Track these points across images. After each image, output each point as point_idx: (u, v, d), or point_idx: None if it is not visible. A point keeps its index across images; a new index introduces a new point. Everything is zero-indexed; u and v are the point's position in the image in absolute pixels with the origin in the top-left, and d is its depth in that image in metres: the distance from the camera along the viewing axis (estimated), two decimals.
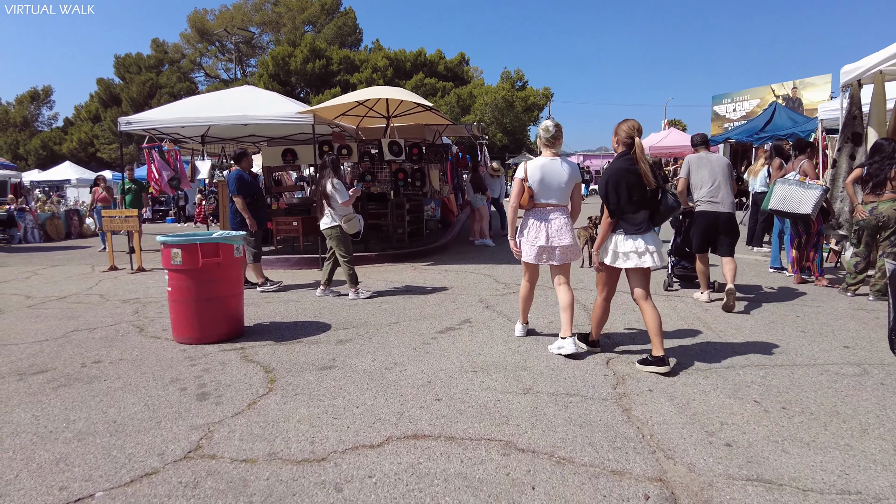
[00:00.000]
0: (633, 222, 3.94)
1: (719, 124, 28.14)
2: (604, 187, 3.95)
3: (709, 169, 5.83)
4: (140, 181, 11.79)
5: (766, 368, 3.98)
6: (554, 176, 4.27)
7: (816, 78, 24.94)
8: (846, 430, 3.03)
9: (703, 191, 5.81)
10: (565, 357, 4.21)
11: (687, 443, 2.89)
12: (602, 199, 4.00)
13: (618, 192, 3.86)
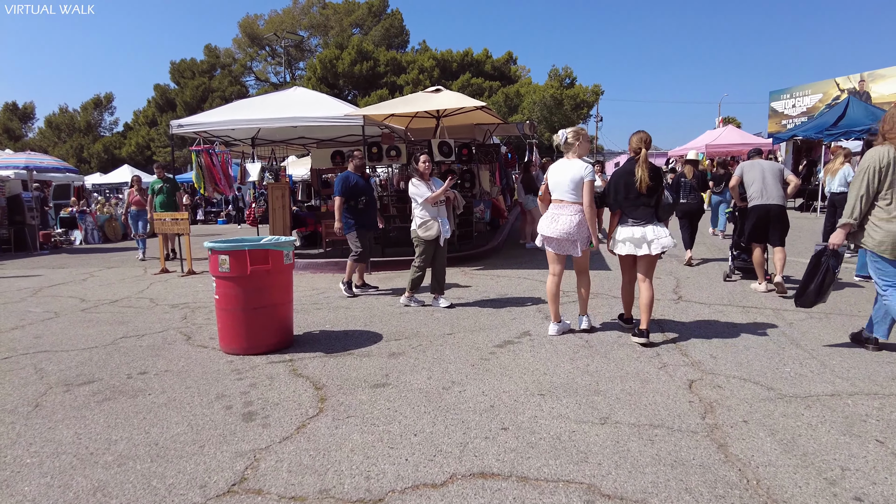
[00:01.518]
0: (632, 216, 4.64)
1: (777, 121, 26.73)
2: (608, 185, 4.87)
3: (759, 170, 6.55)
4: (174, 180, 11.08)
5: (880, 398, 3.45)
6: (565, 175, 4.75)
7: (887, 70, 23.33)
8: None
9: (755, 188, 6.52)
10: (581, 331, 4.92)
11: (805, 494, 2.44)
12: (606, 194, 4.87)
13: (616, 189, 4.72)
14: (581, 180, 4.65)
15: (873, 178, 3.98)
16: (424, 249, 6.00)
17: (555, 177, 4.82)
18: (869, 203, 4.04)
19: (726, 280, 7.20)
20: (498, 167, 12.50)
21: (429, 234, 5.91)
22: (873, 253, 4.06)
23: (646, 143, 4.62)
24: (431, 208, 5.96)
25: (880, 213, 4.00)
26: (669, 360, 4.17)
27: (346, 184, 6.63)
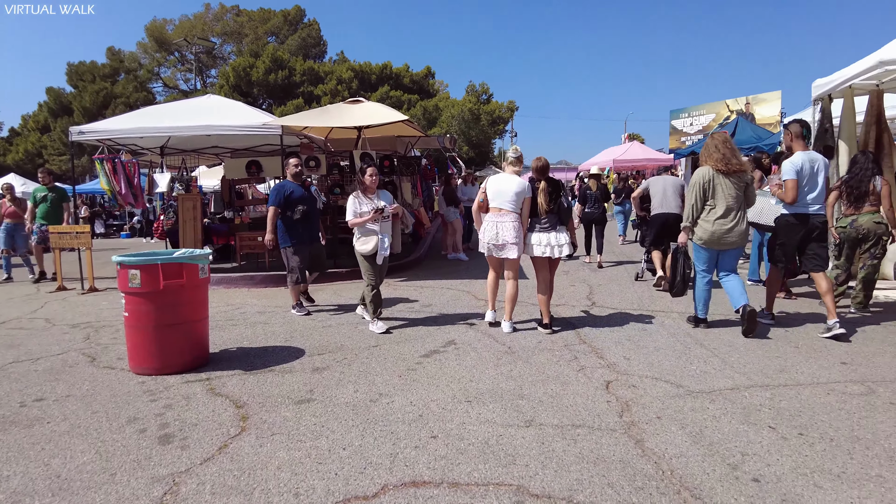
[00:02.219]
0: (540, 223, 5.37)
1: (677, 138, 28.74)
2: None
3: (662, 184, 7.53)
4: (61, 189, 9.94)
5: (771, 389, 3.80)
6: (509, 188, 5.29)
7: (767, 94, 25.80)
8: (873, 457, 2.84)
9: (656, 199, 7.53)
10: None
11: (712, 479, 2.64)
12: None
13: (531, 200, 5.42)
14: (523, 194, 5.29)
15: (700, 191, 5.19)
16: (366, 266, 5.54)
17: (497, 187, 5.34)
18: (700, 210, 5.24)
19: (637, 279, 8.15)
20: (419, 179, 12.59)
21: (364, 248, 5.48)
22: (696, 244, 5.37)
23: (541, 171, 5.45)
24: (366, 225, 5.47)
25: (704, 216, 5.23)
26: (587, 363, 4.37)
27: (281, 193, 6.25)
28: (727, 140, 5.24)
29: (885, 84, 7.13)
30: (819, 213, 5.22)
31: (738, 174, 5.13)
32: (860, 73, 6.76)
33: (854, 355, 4.53)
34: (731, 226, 5.12)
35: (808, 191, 5.19)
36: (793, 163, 5.18)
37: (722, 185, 5.12)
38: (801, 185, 5.18)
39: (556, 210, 5.32)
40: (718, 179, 5.13)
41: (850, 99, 7.43)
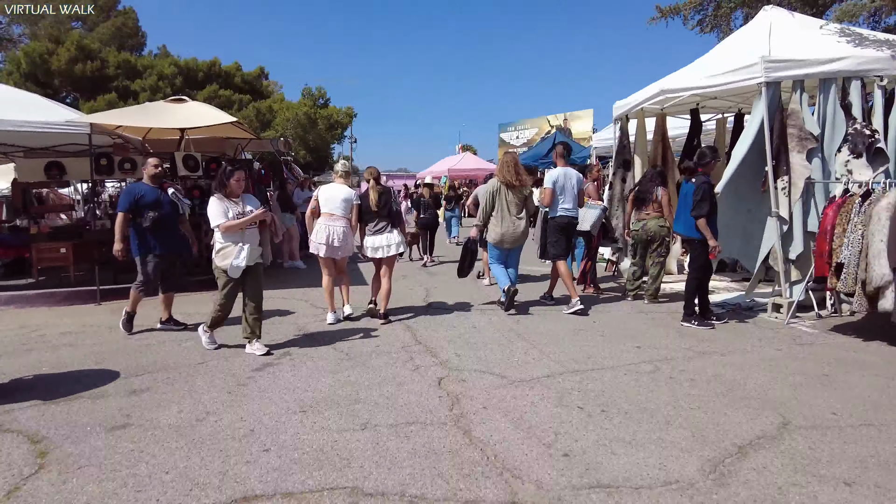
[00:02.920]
0: (373, 227, 5.95)
1: (505, 150, 30.92)
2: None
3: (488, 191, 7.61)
4: None
5: (581, 374, 4.30)
6: (339, 195, 5.86)
7: (581, 112, 28.91)
8: (655, 424, 3.37)
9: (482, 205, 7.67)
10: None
11: (530, 458, 2.94)
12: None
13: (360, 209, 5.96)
14: (351, 201, 5.89)
15: (490, 199, 6.32)
16: (226, 282, 4.87)
17: (327, 195, 5.88)
18: (489, 214, 6.36)
19: (479, 278, 8.63)
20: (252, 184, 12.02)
21: (224, 263, 4.78)
22: (490, 243, 6.51)
23: (375, 176, 6.11)
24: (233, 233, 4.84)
25: (493, 220, 6.35)
26: (422, 363, 4.56)
27: (131, 196, 5.51)
28: (513, 160, 6.49)
29: (667, 109, 8.43)
30: (573, 216, 6.67)
31: (520, 188, 6.33)
32: (647, 98, 7.91)
33: (646, 339, 5.30)
34: (513, 229, 6.32)
35: (564, 199, 6.60)
36: (551, 175, 6.66)
37: (505, 196, 6.30)
38: (557, 193, 6.57)
39: (386, 214, 5.95)
40: (504, 191, 6.29)
41: (642, 120, 8.65)
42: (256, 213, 4.87)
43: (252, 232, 4.94)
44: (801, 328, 5.68)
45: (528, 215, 6.42)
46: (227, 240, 4.79)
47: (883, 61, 6.13)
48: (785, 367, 4.44)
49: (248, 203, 5.00)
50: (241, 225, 4.78)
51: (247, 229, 4.88)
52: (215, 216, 4.76)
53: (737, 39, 7.85)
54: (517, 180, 6.29)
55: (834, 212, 5.24)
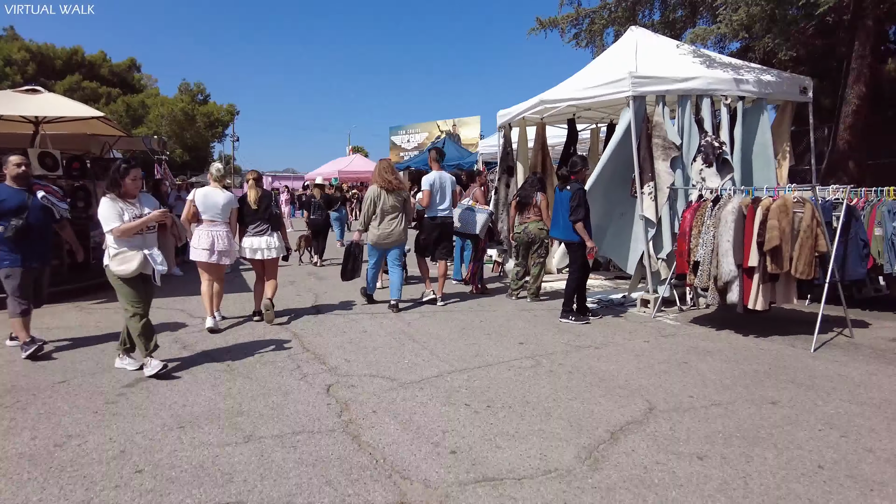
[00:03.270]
0: (253, 228, 6.04)
1: (396, 153, 30.99)
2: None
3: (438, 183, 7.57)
4: None
5: (468, 372, 4.43)
6: (219, 201, 5.76)
7: (469, 118, 29.72)
8: (536, 416, 3.56)
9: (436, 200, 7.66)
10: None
11: (418, 458, 2.98)
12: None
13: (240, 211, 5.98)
14: (230, 205, 5.86)
15: (370, 204, 6.59)
16: (127, 291, 4.29)
17: (206, 200, 5.72)
18: (370, 218, 6.63)
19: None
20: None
21: (124, 268, 4.21)
22: (368, 244, 6.77)
23: (254, 177, 6.30)
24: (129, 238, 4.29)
25: (374, 222, 6.62)
26: (309, 370, 4.47)
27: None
28: (389, 165, 6.83)
29: (546, 118, 8.92)
30: (448, 216, 7.17)
31: (398, 191, 6.66)
32: (528, 108, 8.32)
33: (528, 336, 5.56)
34: (391, 230, 6.61)
35: (440, 200, 7.09)
36: (428, 179, 7.08)
37: (386, 200, 6.57)
38: (434, 195, 7.04)
39: (267, 217, 6.06)
40: (384, 195, 6.57)
41: (524, 128, 9.08)
42: (156, 214, 4.38)
43: (153, 236, 4.45)
44: (665, 321, 6.25)
45: (407, 216, 6.77)
46: (124, 246, 4.24)
47: (727, 82, 6.94)
48: (651, 357, 4.87)
49: (145, 204, 4.47)
50: (140, 226, 4.25)
51: (147, 233, 4.37)
52: (109, 219, 4.19)
53: (609, 55, 8.49)
54: (394, 184, 6.64)
55: (691, 215, 5.83)
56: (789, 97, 7.62)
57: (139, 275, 4.30)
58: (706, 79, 6.91)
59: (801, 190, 5.46)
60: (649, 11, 11.64)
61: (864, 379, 4.29)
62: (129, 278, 4.27)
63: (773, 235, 5.00)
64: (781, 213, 5.04)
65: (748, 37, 10.20)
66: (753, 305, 5.26)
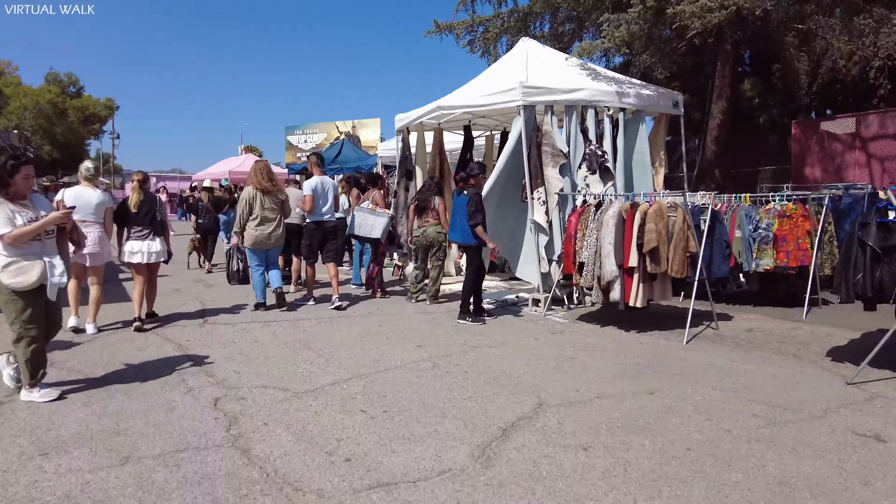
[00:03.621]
0: (135, 232, 5.90)
1: (293, 153, 30.08)
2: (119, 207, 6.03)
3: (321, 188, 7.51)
4: None
5: (366, 378, 4.40)
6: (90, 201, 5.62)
7: (369, 120, 29.54)
8: (432, 418, 3.60)
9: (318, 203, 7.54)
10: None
11: (311, 469, 2.91)
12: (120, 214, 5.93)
13: (121, 213, 5.94)
14: (104, 205, 5.71)
15: (246, 205, 6.56)
16: (19, 308, 3.70)
17: (81, 200, 5.47)
18: (245, 221, 6.57)
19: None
20: None
21: (20, 280, 3.64)
22: (247, 247, 6.72)
23: (139, 179, 6.12)
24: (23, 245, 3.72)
25: (251, 224, 6.52)
26: (195, 384, 4.22)
27: None
28: (266, 167, 6.83)
29: (443, 124, 9.06)
30: (331, 220, 7.20)
31: (274, 193, 6.70)
32: (426, 113, 8.42)
33: (427, 339, 5.62)
34: (269, 232, 6.63)
35: (322, 204, 7.11)
36: (310, 183, 7.08)
37: (262, 202, 6.59)
38: (317, 199, 7.03)
39: (149, 221, 5.93)
40: (260, 197, 6.59)
41: (422, 133, 9.17)
42: (56, 215, 3.84)
43: (51, 242, 3.90)
44: (555, 319, 6.56)
45: (283, 219, 6.82)
46: (16, 253, 3.67)
47: (610, 95, 7.42)
48: (542, 354, 5.09)
49: (39, 206, 3.91)
50: (37, 231, 3.72)
51: (45, 238, 3.83)
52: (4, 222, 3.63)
53: (502, 65, 8.80)
54: (269, 186, 6.66)
55: (576, 219, 6.16)
56: (664, 110, 8.30)
57: (38, 287, 3.73)
58: (591, 91, 7.35)
59: (673, 196, 5.96)
60: (540, 23, 12.21)
61: (727, 367, 4.74)
62: (26, 292, 3.70)
63: (652, 238, 5.41)
64: (657, 217, 5.47)
65: (629, 52, 10.99)
66: (634, 302, 5.66)
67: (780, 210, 6.69)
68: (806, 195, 7.10)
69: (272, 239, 6.68)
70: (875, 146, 14.06)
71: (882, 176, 13.73)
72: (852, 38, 9.69)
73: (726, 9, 7.54)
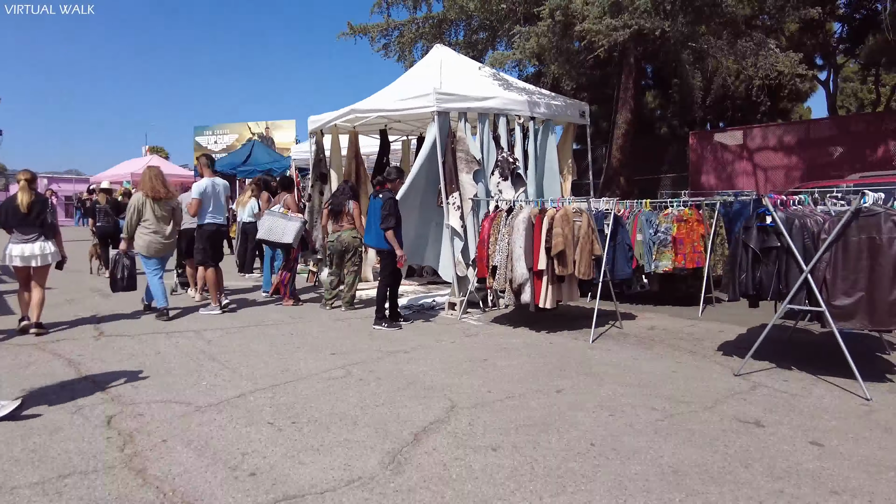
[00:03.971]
0: (23, 235, 5.67)
1: (200, 153, 28.76)
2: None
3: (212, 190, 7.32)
4: None
5: (274, 388, 4.25)
6: None
7: (283, 122, 28.77)
8: (343, 426, 3.53)
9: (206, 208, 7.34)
10: None
11: (213, 486, 2.77)
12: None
13: (6, 213, 5.73)
14: None
15: (134, 212, 6.50)
16: None
17: None
18: (134, 227, 6.50)
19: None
20: None
21: None
22: (139, 253, 6.62)
23: (29, 180, 5.77)
24: None
25: (142, 229, 6.51)
26: (86, 402, 3.91)
27: None
28: (159, 173, 6.75)
29: (359, 127, 8.97)
30: (221, 223, 7.15)
31: (165, 200, 6.62)
32: (340, 115, 8.30)
33: (340, 346, 5.52)
34: (160, 238, 6.58)
35: (213, 207, 6.99)
36: (199, 186, 6.94)
37: (153, 208, 6.51)
38: (205, 203, 6.94)
39: (39, 224, 5.70)
40: (150, 203, 6.50)
41: (336, 136, 9.03)
42: None
43: None
44: (470, 322, 6.65)
45: (175, 226, 6.78)
46: None
47: (521, 104, 7.65)
48: (456, 357, 5.15)
49: None
50: None
51: None
52: None
53: (417, 71, 8.85)
54: (161, 192, 6.58)
55: (489, 224, 6.29)
56: (572, 119, 8.67)
57: None
58: (503, 99, 7.54)
59: (578, 202, 6.23)
60: (455, 30, 12.39)
61: (629, 364, 5.00)
62: None
63: (559, 241, 5.62)
64: (564, 221, 5.69)
65: (540, 64, 11.41)
66: (543, 304, 5.85)
67: (678, 215, 7.15)
68: (700, 201, 7.65)
69: (163, 245, 6.65)
70: (759, 157, 15.43)
71: (766, 184, 15.09)
72: (737, 59, 10.57)
73: (629, 28, 7.99)
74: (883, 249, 4.13)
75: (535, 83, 10.92)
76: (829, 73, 19.32)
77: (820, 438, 3.37)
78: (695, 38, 10.12)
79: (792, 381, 4.43)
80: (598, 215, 6.46)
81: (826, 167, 13.87)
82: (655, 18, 7.86)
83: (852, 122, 15.01)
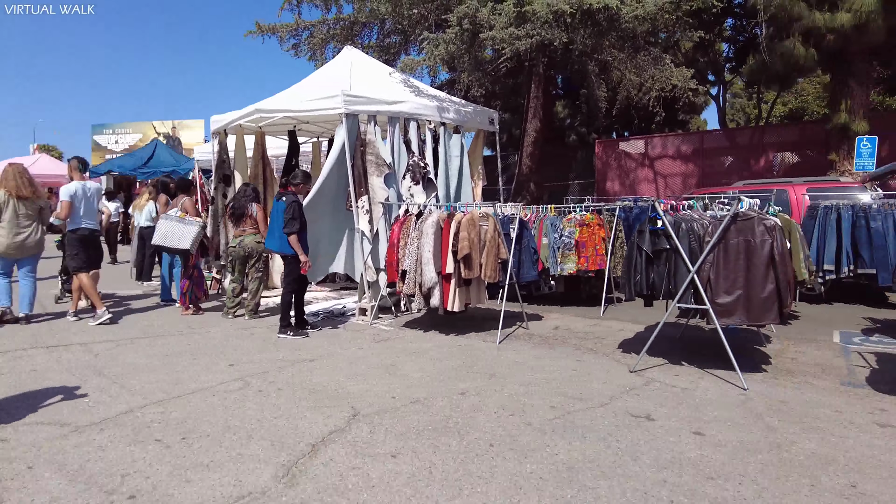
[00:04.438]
0: None
1: (101, 154, 26.93)
2: None
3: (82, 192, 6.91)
4: None
5: (165, 403, 4.00)
6: None
7: (192, 121, 27.42)
8: (237, 441, 3.37)
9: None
10: None
11: None
12: None
13: None
14: None
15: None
16: None
17: None
18: None
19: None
20: None
21: None
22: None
23: None
24: None
25: (3, 231, 6.26)
26: None
27: None
28: (24, 171, 6.50)
29: (267, 128, 8.67)
30: (94, 227, 6.86)
31: (33, 199, 6.45)
32: (244, 115, 7.99)
33: (241, 356, 5.29)
34: (22, 239, 6.39)
35: (84, 211, 6.71)
36: (68, 189, 6.61)
37: (16, 207, 6.30)
38: (76, 207, 6.63)
39: None
40: (12, 202, 6.29)
41: (241, 136, 8.67)
42: None
43: None
44: (381, 327, 6.59)
45: (41, 227, 6.57)
46: None
47: (431, 109, 7.70)
48: (364, 363, 5.07)
49: None
50: None
51: None
52: None
53: (325, 72, 8.67)
54: (26, 191, 6.37)
55: (399, 228, 6.26)
56: (481, 126, 8.82)
57: None
58: (413, 104, 7.55)
59: (485, 206, 6.34)
60: (367, 33, 12.30)
61: (534, 363, 5.13)
62: None
63: (464, 245, 5.68)
64: (470, 226, 5.76)
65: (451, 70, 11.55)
66: (452, 307, 5.89)
67: (581, 219, 7.46)
68: (601, 206, 8.02)
69: (26, 247, 6.43)
70: (659, 164, 16.45)
71: (665, 190, 16.10)
72: (637, 72, 11.21)
73: (531, 37, 8.25)
74: (756, 250, 4.50)
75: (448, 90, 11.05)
76: (719, 88, 20.96)
77: (702, 428, 3.60)
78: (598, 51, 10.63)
79: (682, 376, 4.71)
80: (504, 219, 6.60)
81: (718, 175, 15.04)
82: (556, 30, 8.16)
83: (738, 135, 16.38)
